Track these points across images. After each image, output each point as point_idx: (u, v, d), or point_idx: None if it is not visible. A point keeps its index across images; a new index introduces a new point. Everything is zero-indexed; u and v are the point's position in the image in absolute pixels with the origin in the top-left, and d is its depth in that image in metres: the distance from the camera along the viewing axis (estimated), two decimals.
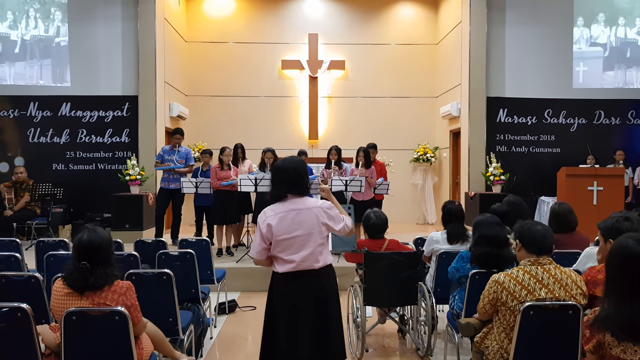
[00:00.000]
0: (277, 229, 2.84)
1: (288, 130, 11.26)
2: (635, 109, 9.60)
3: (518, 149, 9.63)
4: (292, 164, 2.98)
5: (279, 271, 2.91)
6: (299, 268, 2.86)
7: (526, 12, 9.53)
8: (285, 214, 2.87)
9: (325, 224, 2.92)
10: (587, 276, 2.79)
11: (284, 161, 3.04)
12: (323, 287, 2.94)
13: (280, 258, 2.89)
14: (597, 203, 7.23)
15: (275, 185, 2.97)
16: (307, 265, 2.87)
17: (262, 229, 2.87)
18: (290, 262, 2.86)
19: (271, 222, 2.86)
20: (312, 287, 2.90)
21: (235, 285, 6.23)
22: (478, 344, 2.93)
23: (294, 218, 2.86)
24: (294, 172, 2.94)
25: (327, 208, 2.96)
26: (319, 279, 2.92)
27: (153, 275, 3.43)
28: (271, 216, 2.88)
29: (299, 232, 2.85)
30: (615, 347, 1.98)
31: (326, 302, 2.93)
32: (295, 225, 2.86)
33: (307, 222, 2.88)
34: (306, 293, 2.89)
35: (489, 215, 3.60)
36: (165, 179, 7.74)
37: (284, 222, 2.85)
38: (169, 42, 9.75)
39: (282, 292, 2.93)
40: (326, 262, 2.96)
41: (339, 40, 11.33)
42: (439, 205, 10.35)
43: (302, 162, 3.07)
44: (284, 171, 2.96)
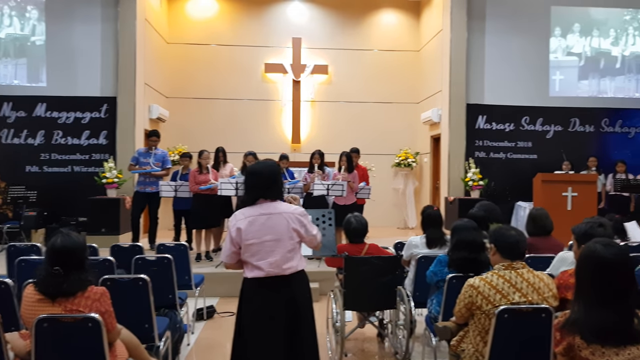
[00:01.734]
0: (246, 232, 2.80)
1: (270, 134, 11.25)
2: (608, 118, 9.82)
3: (496, 155, 9.76)
4: (264, 168, 2.95)
5: (248, 276, 2.87)
6: (268, 274, 2.81)
7: (505, 22, 9.69)
8: (255, 217, 2.83)
9: (296, 230, 2.87)
10: (560, 279, 2.85)
11: (257, 165, 3.01)
12: (293, 294, 2.87)
13: (249, 263, 2.85)
14: (572, 208, 7.36)
15: (247, 189, 2.94)
16: (277, 271, 2.81)
17: (232, 233, 2.84)
18: (259, 268, 2.81)
19: (240, 225, 2.82)
20: (282, 294, 2.84)
21: (214, 290, 6.14)
22: (454, 347, 2.96)
23: (264, 222, 2.82)
24: (267, 177, 2.91)
25: (299, 214, 2.91)
26: (289, 285, 2.86)
27: (129, 280, 3.38)
28: (241, 219, 2.84)
29: (268, 237, 2.81)
30: (584, 350, 2.03)
31: (297, 308, 2.87)
32: (264, 230, 2.81)
33: (277, 227, 2.83)
34: (276, 300, 2.83)
35: (466, 220, 3.64)
36: (141, 183, 7.60)
37: (253, 226, 2.81)
38: (149, 43, 9.68)
39: (252, 299, 2.88)
40: (297, 268, 2.89)
41: (322, 45, 11.38)
42: (420, 209, 10.40)
43: (275, 166, 3.03)
44: (256, 175, 2.93)
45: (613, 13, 9.90)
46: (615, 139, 9.83)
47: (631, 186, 8.31)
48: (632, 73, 9.97)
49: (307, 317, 2.94)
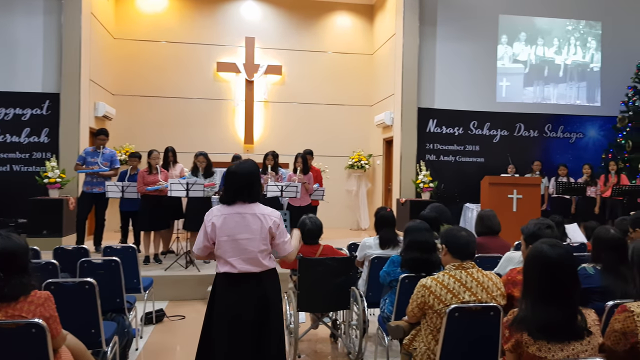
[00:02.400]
0: (221, 229, 2.90)
1: (223, 134, 11.10)
2: (551, 123, 10.26)
3: (446, 158, 10.01)
4: (244, 170, 3.00)
5: (220, 271, 2.95)
6: (240, 271, 2.90)
7: (455, 28, 9.96)
8: (230, 215, 2.92)
9: (270, 231, 2.96)
10: (508, 276, 2.95)
11: (237, 166, 3.04)
12: (264, 291, 2.97)
13: (222, 259, 2.94)
14: (517, 210, 7.63)
15: (226, 190, 3.01)
16: (248, 268, 2.91)
17: (207, 227, 2.93)
18: (231, 265, 2.90)
19: (215, 221, 2.91)
20: (253, 290, 2.93)
21: (164, 294, 6.04)
22: (407, 346, 3.00)
23: (239, 221, 2.91)
24: (246, 179, 2.97)
25: (275, 217, 3.00)
26: (261, 283, 2.96)
27: (74, 284, 3.24)
28: (216, 216, 2.93)
29: (242, 236, 2.90)
30: (531, 346, 2.09)
31: (267, 305, 2.97)
32: (238, 228, 2.91)
33: (251, 226, 2.92)
34: (247, 296, 2.92)
35: (419, 221, 3.70)
36: (88, 183, 7.34)
37: (228, 224, 2.90)
38: (95, 38, 9.34)
39: (223, 294, 2.96)
40: (269, 266, 2.99)
41: (276, 45, 11.33)
42: (372, 211, 10.57)
43: (255, 168, 3.08)
44: (235, 176, 2.99)
45: (556, 23, 10.36)
46: (558, 144, 10.29)
47: (572, 189, 8.68)
48: (573, 81, 10.47)
49: (276, 313, 3.03)
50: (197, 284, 6.31)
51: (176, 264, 6.68)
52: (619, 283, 2.74)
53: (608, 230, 2.94)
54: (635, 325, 2.06)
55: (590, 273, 2.87)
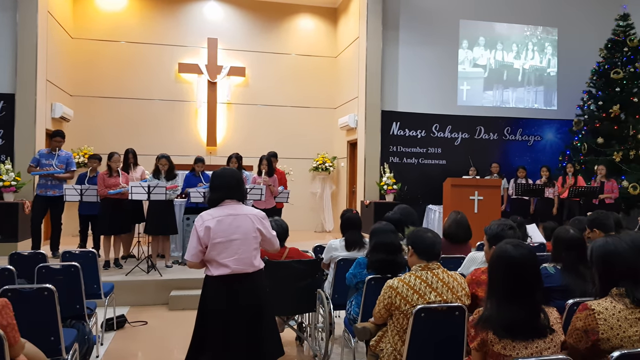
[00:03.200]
0: (215, 231, 2.96)
1: (185, 136, 10.93)
2: (510, 126, 10.55)
3: (409, 161, 10.15)
4: (231, 171, 3.21)
5: (213, 274, 2.99)
6: (233, 272, 2.97)
7: (417, 33, 10.12)
8: (223, 217, 3.00)
9: (259, 230, 3.09)
10: (472, 276, 3.00)
11: (223, 169, 3.23)
12: (257, 291, 3.07)
13: (215, 261, 2.99)
14: (478, 211, 7.82)
15: (214, 190, 3.11)
16: (242, 269, 3.00)
17: (200, 232, 2.97)
18: (226, 266, 2.96)
19: (209, 224, 2.97)
20: (246, 290, 3.02)
21: (125, 299, 5.90)
22: (374, 347, 3.02)
23: (232, 222, 3.00)
24: (233, 178, 3.13)
25: (261, 217, 3.15)
26: (253, 283, 3.05)
27: (32, 291, 3.13)
28: (209, 219, 2.99)
29: (235, 236, 2.99)
30: (496, 344, 2.13)
31: (260, 304, 3.07)
32: (232, 229, 2.99)
33: (243, 226, 3.03)
34: (240, 295, 3.00)
35: (384, 223, 3.73)
36: (42, 186, 7.08)
37: (222, 226, 2.98)
38: (52, 37, 9.05)
39: (217, 296, 3.00)
40: (259, 265, 3.11)
41: (239, 46, 11.25)
42: (337, 213, 10.62)
43: (239, 172, 3.29)
44: (223, 176, 3.13)
45: (515, 29, 10.67)
46: (516, 147, 10.58)
47: (531, 190, 8.94)
48: (531, 85, 10.80)
49: (269, 310, 3.16)
50: (159, 288, 6.20)
51: (137, 268, 6.53)
52: (578, 282, 2.83)
53: (567, 230, 3.03)
54: (596, 323, 2.13)
55: (551, 272, 2.95)
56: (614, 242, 2.25)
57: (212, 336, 2.99)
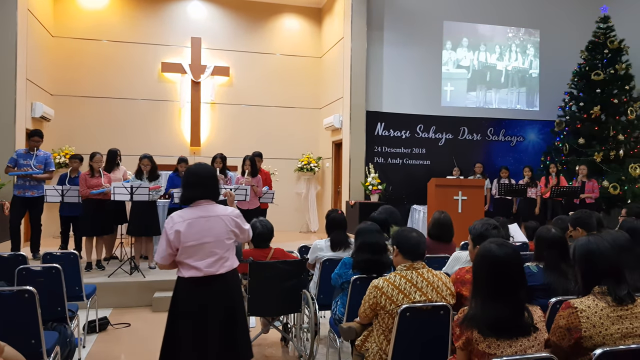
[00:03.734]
0: (186, 235, 2.88)
1: (168, 136, 10.84)
2: (493, 127, 10.64)
3: (393, 161, 10.18)
4: (205, 168, 3.09)
5: (184, 276, 2.93)
6: (205, 274, 2.92)
7: (402, 34, 10.16)
8: (194, 220, 2.92)
9: (233, 232, 3.03)
10: (457, 275, 3.02)
11: (198, 165, 3.11)
12: (229, 291, 3.01)
13: (186, 264, 2.92)
14: (462, 211, 7.87)
15: (188, 188, 3.02)
16: (213, 271, 2.94)
17: (170, 236, 2.90)
18: (197, 269, 2.90)
19: (179, 228, 2.89)
20: (218, 291, 2.96)
21: (107, 301, 5.85)
22: (359, 347, 3.02)
23: (203, 225, 2.93)
24: (207, 176, 3.04)
25: (235, 216, 3.07)
26: (225, 283, 2.99)
27: (12, 293, 3.07)
28: (179, 222, 2.91)
29: (207, 239, 2.92)
30: (481, 343, 2.15)
31: (233, 305, 3.02)
32: (204, 232, 2.92)
33: (215, 229, 2.96)
34: (212, 297, 2.94)
35: (369, 223, 3.73)
36: (20, 186, 6.90)
37: (193, 229, 2.90)
38: (32, 36, 8.90)
39: (188, 297, 2.95)
40: (232, 266, 3.04)
41: (223, 46, 11.19)
42: (322, 213, 10.62)
43: (213, 169, 3.19)
44: (197, 174, 3.03)
45: (498, 30, 10.77)
46: (499, 147, 10.68)
47: (513, 190, 9.03)
48: (514, 86, 10.91)
49: (241, 312, 3.10)
50: (142, 290, 6.14)
51: (120, 270, 6.46)
52: (560, 280, 2.87)
53: (549, 229, 3.06)
54: (578, 321, 2.16)
55: (534, 271, 2.98)
56: (596, 241, 2.28)
57: (184, 339, 2.92)
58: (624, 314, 2.17)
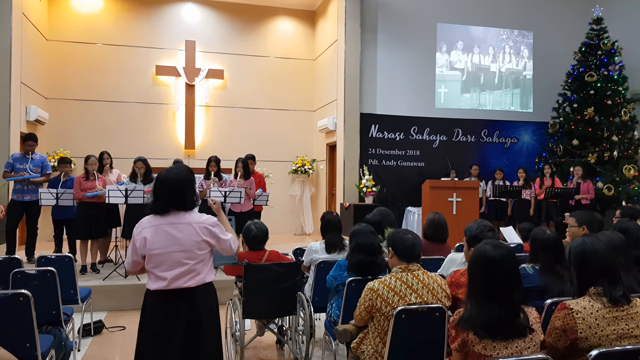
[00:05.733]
0: (152, 242, 2.66)
1: (162, 139, 10.81)
2: (487, 128, 10.67)
3: (388, 163, 10.19)
4: (175, 176, 2.73)
5: (150, 288, 2.70)
6: (171, 286, 2.65)
7: (396, 36, 10.18)
8: (161, 226, 2.68)
9: (205, 241, 2.73)
10: (452, 278, 3.03)
11: (167, 172, 2.76)
12: (196, 308, 2.70)
13: (152, 274, 2.69)
14: (457, 213, 7.89)
15: (156, 199, 2.74)
16: (180, 284, 2.66)
17: (137, 242, 2.70)
18: (162, 279, 2.65)
19: (146, 234, 2.67)
20: (184, 308, 2.68)
21: (102, 304, 5.84)
22: (354, 350, 3.02)
23: (170, 232, 2.67)
24: (177, 185, 2.72)
25: (210, 225, 2.76)
26: (192, 300, 2.69)
27: (7, 297, 3.05)
28: (147, 228, 2.70)
29: (174, 248, 2.66)
30: (477, 345, 2.15)
31: (200, 322, 2.71)
32: (170, 240, 2.66)
33: (184, 237, 2.68)
34: (177, 313, 2.67)
35: (364, 224, 3.74)
36: (18, 190, 6.91)
37: (159, 236, 2.66)
38: (27, 39, 8.87)
39: (152, 312, 2.71)
40: (203, 280, 2.73)
41: (217, 49, 11.18)
42: (316, 215, 10.62)
43: (187, 174, 2.80)
44: (165, 183, 2.72)
45: (491, 32, 10.81)
46: (493, 149, 10.71)
47: (508, 192, 9.04)
48: (508, 88, 10.96)
49: (210, 331, 2.78)
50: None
51: (115, 273, 6.44)
52: (556, 282, 2.87)
53: (544, 231, 3.07)
54: (574, 322, 2.16)
55: (529, 273, 2.99)
56: (591, 242, 2.29)
57: (146, 354, 2.72)
58: (620, 315, 2.17)
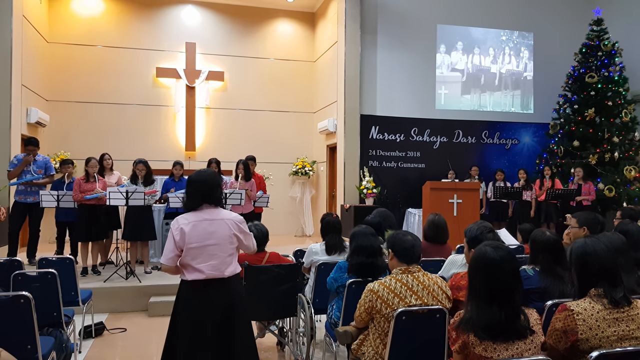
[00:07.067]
0: (190, 236, 2.93)
1: (163, 141, 10.82)
2: (488, 130, 10.67)
3: (388, 164, 10.18)
4: (205, 176, 3.09)
5: (187, 279, 2.97)
6: (208, 277, 2.94)
7: (395, 37, 10.19)
8: (198, 222, 2.97)
9: (236, 236, 3.05)
10: (452, 281, 3.02)
11: (198, 173, 3.12)
12: (231, 295, 3.02)
13: (190, 266, 2.96)
14: (457, 214, 7.89)
15: (190, 197, 3.06)
16: (217, 274, 2.96)
17: (175, 236, 2.95)
18: (200, 271, 2.94)
19: (185, 228, 2.94)
20: (220, 295, 2.98)
21: (103, 306, 5.84)
22: (355, 351, 3.02)
23: (207, 227, 2.97)
24: (208, 184, 3.05)
25: (239, 222, 3.10)
26: (227, 287, 3.01)
27: (8, 299, 3.05)
28: (184, 224, 2.96)
29: (210, 241, 2.96)
30: (477, 346, 2.15)
31: (234, 309, 3.01)
32: (207, 235, 2.96)
33: (219, 231, 2.99)
34: (214, 300, 2.96)
35: (364, 226, 3.74)
36: (21, 192, 6.96)
37: (197, 230, 2.95)
38: (27, 42, 8.89)
39: (190, 300, 2.98)
40: (235, 271, 3.06)
41: (217, 51, 11.19)
42: (317, 217, 10.62)
43: (215, 175, 3.17)
44: (198, 183, 3.06)
45: (491, 33, 10.81)
46: (494, 150, 10.70)
47: (509, 193, 9.03)
48: (508, 89, 10.95)
49: (242, 316, 3.08)
50: (138, 295, 6.13)
51: (116, 275, 6.44)
52: (556, 283, 2.87)
53: (544, 232, 3.07)
54: (575, 323, 2.16)
55: (530, 274, 2.98)
56: (592, 243, 2.28)
57: (182, 341, 2.95)
58: (620, 317, 2.17)
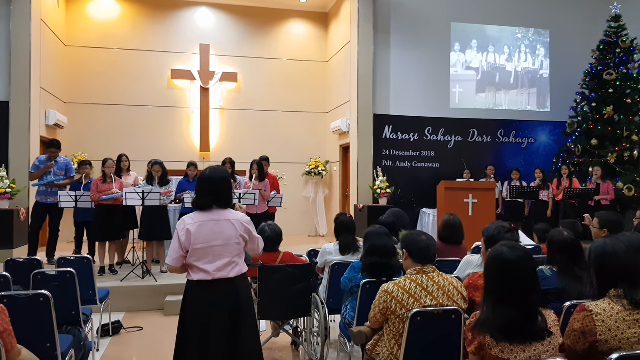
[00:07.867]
0: (196, 237, 2.90)
1: (178, 142, 10.91)
2: (503, 129, 10.57)
3: (402, 164, 10.14)
4: (219, 174, 3.04)
5: (193, 279, 2.95)
6: (214, 277, 2.91)
7: (409, 36, 10.14)
8: (204, 222, 2.93)
9: (242, 237, 3.01)
10: (470, 280, 2.98)
11: (211, 171, 3.06)
12: (237, 295, 2.97)
13: (195, 266, 2.93)
14: (473, 214, 7.81)
15: (200, 194, 3.02)
16: (223, 274, 2.93)
17: (181, 237, 2.92)
18: (206, 272, 2.91)
19: (191, 228, 2.91)
20: (226, 295, 2.94)
21: (120, 305, 5.92)
22: (370, 352, 3.00)
23: (213, 228, 2.93)
24: (220, 183, 3.01)
25: (246, 222, 3.06)
26: (234, 287, 2.97)
27: (28, 297, 3.11)
28: (190, 224, 2.93)
29: (216, 242, 2.92)
30: (494, 348, 2.12)
31: (241, 310, 2.98)
32: (213, 235, 2.92)
33: (225, 232, 2.95)
34: (220, 301, 2.93)
35: (378, 226, 3.72)
36: (42, 193, 7.08)
37: (203, 231, 2.91)
38: (46, 45, 9.02)
39: (196, 300, 2.95)
40: (241, 271, 3.03)
41: (231, 52, 11.25)
42: (330, 217, 10.62)
43: (227, 174, 3.12)
44: (210, 180, 3.01)
45: (506, 31, 10.71)
46: (510, 149, 10.60)
47: (525, 193, 8.93)
48: (524, 87, 10.84)
49: (248, 317, 3.05)
50: (154, 294, 6.19)
51: (132, 274, 6.51)
52: (574, 284, 2.82)
53: (561, 232, 3.03)
54: (594, 324, 2.11)
55: (547, 275, 2.95)
56: (612, 243, 2.23)
57: (191, 341, 2.95)
58: None
